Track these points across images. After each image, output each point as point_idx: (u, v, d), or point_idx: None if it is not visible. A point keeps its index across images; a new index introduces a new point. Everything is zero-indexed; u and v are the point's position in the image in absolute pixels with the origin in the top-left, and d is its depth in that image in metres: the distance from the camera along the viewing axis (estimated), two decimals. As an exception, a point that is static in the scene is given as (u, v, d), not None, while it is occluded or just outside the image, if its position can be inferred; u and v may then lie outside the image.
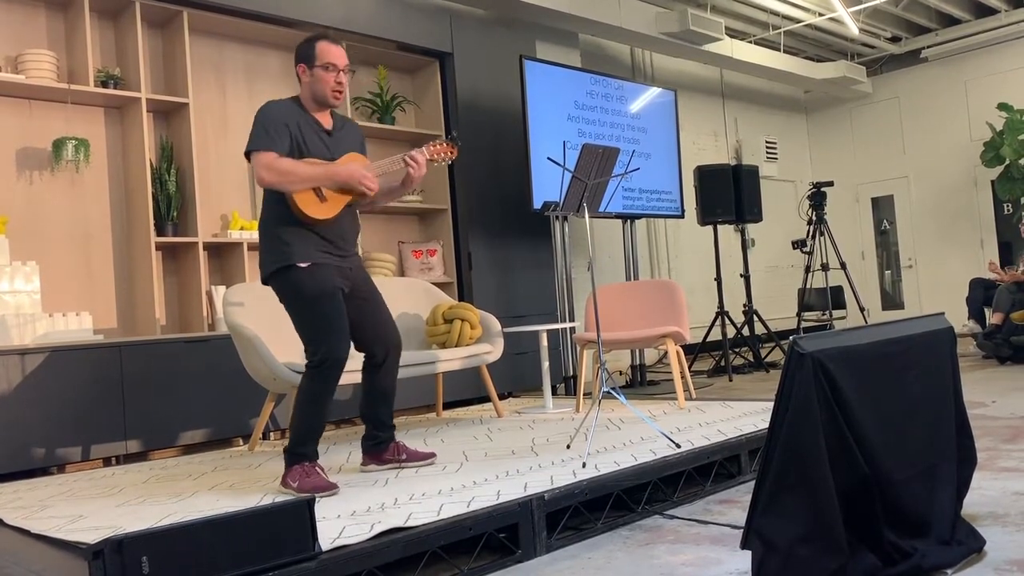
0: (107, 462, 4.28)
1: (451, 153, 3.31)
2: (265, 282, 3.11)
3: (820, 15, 8.89)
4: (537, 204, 5.77)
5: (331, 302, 3.02)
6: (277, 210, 3.04)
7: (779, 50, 9.51)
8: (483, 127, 6.12)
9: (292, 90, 3.26)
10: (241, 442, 4.65)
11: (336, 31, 5.43)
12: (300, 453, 2.99)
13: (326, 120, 3.18)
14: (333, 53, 3.12)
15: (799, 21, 9.02)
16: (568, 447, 3.47)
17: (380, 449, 3.31)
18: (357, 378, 3.36)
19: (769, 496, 1.92)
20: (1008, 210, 9.86)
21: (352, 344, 3.14)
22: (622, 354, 7.60)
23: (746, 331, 7.60)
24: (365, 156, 3.28)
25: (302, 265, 3.00)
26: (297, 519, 2.07)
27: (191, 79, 4.95)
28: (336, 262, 3.10)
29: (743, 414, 4.01)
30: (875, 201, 11.04)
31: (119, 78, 4.78)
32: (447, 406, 5.34)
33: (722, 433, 3.49)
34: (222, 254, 5.21)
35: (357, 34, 5.55)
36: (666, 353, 4.92)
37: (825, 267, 7.46)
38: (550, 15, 6.76)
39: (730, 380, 6.89)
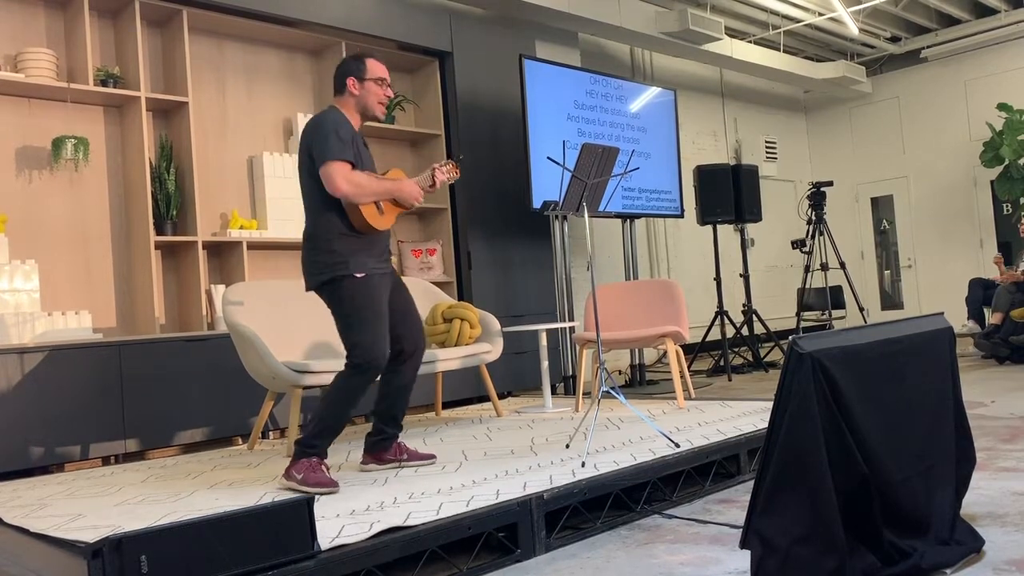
0: (106, 461, 4.28)
1: (456, 173, 3.51)
2: (313, 289, 3.17)
3: (820, 15, 8.89)
4: (537, 203, 5.77)
5: (380, 312, 3.12)
6: (331, 221, 3.11)
7: (779, 50, 9.51)
8: (482, 126, 6.12)
9: (292, 89, 3.28)
10: (240, 441, 4.65)
11: (337, 31, 5.43)
12: (313, 446, 3.03)
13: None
14: (382, 69, 3.29)
15: (799, 21, 9.02)
16: (567, 447, 3.47)
17: (383, 447, 3.33)
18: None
19: (768, 496, 1.92)
20: (1007, 210, 9.86)
21: None
22: (621, 353, 7.60)
23: (745, 331, 7.60)
24: None
25: (358, 275, 3.09)
26: (296, 518, 2.07)
27: (191, 78, 4.95)
28: (382, 270, 3.21)
29: (742, 414, 4.01)
30: (874, 201, 11.04)
31: (118, 77, 4.78)
32: (446, 405, 5.34)
33: (721, 433, 3.49)
34: (221, 253, 5.20)
35: (357, 33, 5.54)
36: (665, 353, 4.93)
37: (824, 267, 7.47)
38: (550, 14, 6.76)
39: (729, 380, 6.89)
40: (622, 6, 7.38)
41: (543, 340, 4.96)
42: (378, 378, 3.31)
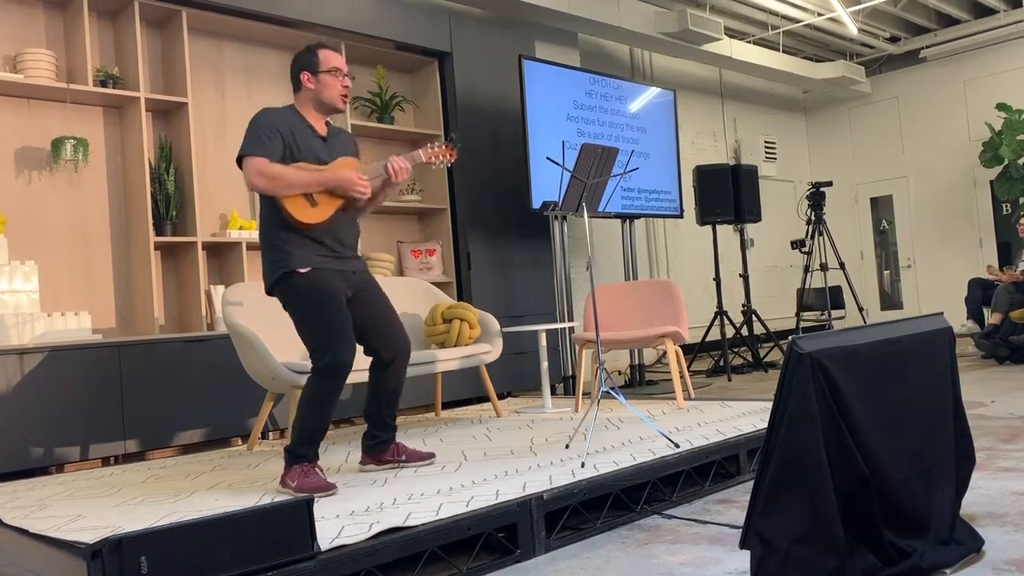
0: (106, 462, 4.27)
1: (450, 155, 3.31)
2: (269, 293, 3.11)
3: (819, 15, 8.89)
4: (536, 204, 5.77)
5: (334, 306, 3.02)
6: (273, 216, 3.04)
7: (778, 50, 9.51)
8: (482, 127, 6.12)
9: (291, 90, 3.26)
10: (240, 442, 4.65)
11: (335, 31, 5.43)
12: (301, 453, 2.99)
13: (320, 127, 3.19)
14: (337, 59, 3.17)
15: (798, 21, 9.02)
16: (567, 447, 3.47)
17: (380, 449, 3.31)
18: (361, 377, 3.36)
19: (768, 496, 1.92)
20: (1007, 210, 9.86)
21: (361, 347, 3.16)
22: (621, 354, 7.60)
23: (745, 331, 7.60)
24: (358, 160, 3.28)
25: (302, 271, 3.01)
26: (296, 519, 2.07)
27: (190, 79, 4.94)
28: (336, 266, 3.10)
29: (742, 414, 4.01)
30: (874, 201, 11.04)
31: (118, 77, 4.78)
32: (446, 406, 5.34)
33: (721, 433, 3.49)
34: (221, 253, 5.20)
35: (357, 34, 5.54)
36: (665, 353, 4.93)
37: (824, 267, 7.47)
38: (549, 15, 6.76)
39: (729, 380, 6.89)
40: (621, 6, 7.38)
41: (543, 340, 4.96)
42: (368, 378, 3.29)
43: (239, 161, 3.00)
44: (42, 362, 4.07)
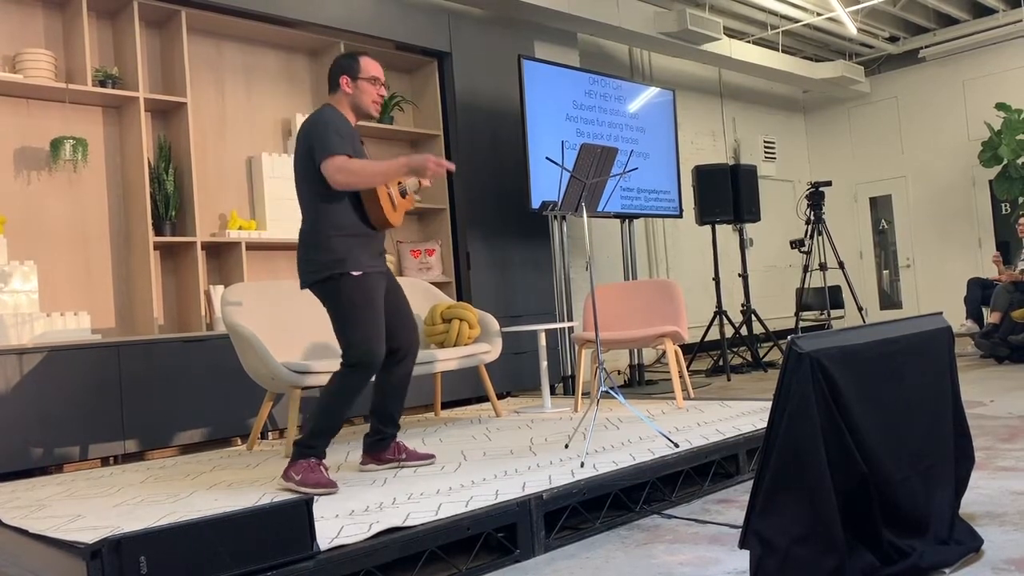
0: (105, 462, 4.27)
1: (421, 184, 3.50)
2: (308, 287, 3.14)
3: (818, 15, 8.89)
4: (535, 204, 5.77)
5: (377, 311, 3.11)
6: (330, 219, 3.09)
7: (777, 50, 9.51)
8: (481, 127, 6.12)
9: (291, 90, 3.28)
10: (239, 442, 4.65)
11: (335, 31, 5.43)
12: (311, 446, 3.03)
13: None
14: (376, 68, 3.28)
15: (797, 21, 9.02)
16: (566, 447, 3.47)
17: (381, 447, 3.33)
18: None
19: (767, 496, 1.92)
20: (1006, 210, 9.86)
21: None
22: (620, 354, 7.60)
23: (744, 331, 7.60)
24: None
25: (355, 274, 3.07)
26: (295, 519, 2.07)
27: (189, 79, 4.94)
28: (380, 267, 3.20)
29: (741, 414, 4.01)
30: (873, 201, 11.05)
31: (117, 77, 4.78)
32: (445, 406, 5.34)
33: (720, 433, 3.49)
34: (220, 254, 5.20)
35: (356, 34, 5.54)
36: (664, 353, 4.93)
37: (823, 267, 7.47)
38: (548, 15, 6.76)
39: (728, 380, 6.89)
40: (621, 6, 7.38)
41: (542, 340, 4.96)
42: (373, 378, 3.31)
43: (317, 162, 3.02)
44: (41, 362, 4.07)
